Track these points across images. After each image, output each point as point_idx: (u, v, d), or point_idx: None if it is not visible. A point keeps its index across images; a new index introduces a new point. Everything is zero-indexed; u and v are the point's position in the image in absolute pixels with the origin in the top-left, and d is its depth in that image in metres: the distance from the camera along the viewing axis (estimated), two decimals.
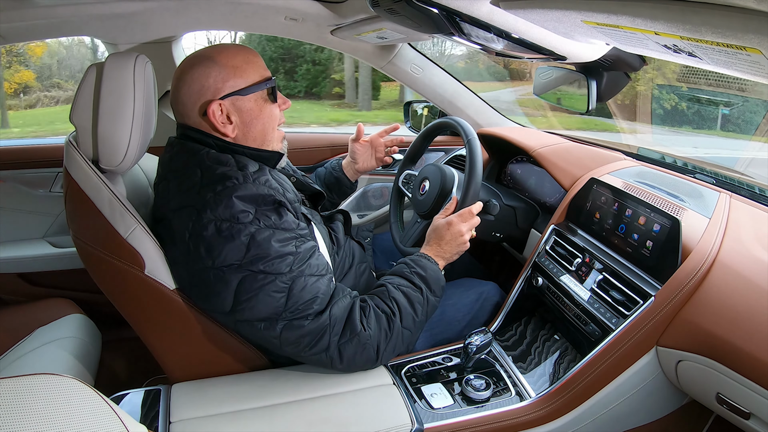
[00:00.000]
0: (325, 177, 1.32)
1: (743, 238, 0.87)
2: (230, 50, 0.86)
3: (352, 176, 1.31)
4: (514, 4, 0.72)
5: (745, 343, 0.70)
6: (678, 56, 0.64)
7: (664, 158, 1.32)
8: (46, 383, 0.43)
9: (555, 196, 1.33)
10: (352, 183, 1.33)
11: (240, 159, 0.85)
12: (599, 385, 0.85)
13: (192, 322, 0.85)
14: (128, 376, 1.39)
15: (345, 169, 1.31)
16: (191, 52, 0.90)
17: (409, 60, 1.59)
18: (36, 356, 1.05)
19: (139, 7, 1.19)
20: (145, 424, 0.74)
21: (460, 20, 0.84)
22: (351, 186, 1.33)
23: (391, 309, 0.87)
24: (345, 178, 1.30)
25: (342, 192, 1.33)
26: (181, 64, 0.87)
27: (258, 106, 0.88)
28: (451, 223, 1.00)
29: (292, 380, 0.87)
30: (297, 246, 0.81)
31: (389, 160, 1.30)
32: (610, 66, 1.06)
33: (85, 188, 0.83)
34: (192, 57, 0.87)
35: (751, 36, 0.44)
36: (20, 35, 1.25)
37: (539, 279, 1.07)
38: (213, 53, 0.85)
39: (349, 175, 1.31)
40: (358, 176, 1.33)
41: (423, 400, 0.86)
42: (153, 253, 0.83)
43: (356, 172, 1.31)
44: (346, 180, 1.31)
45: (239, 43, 4.00)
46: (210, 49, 0.86)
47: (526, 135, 1.43)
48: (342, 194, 1.34)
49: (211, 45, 0.90)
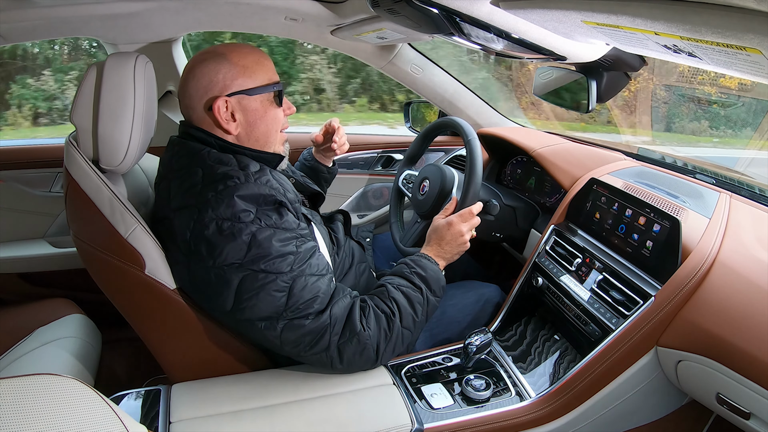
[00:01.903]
0: (301, 170, 1.31)
1: (743, 238, 0.87)
2: (242, 50, 0.87)
3: (323, 161, 1.30)
4: (514, 4, 0.72)
5: (745, 343, 0.70)
6: (678, 56, 0.64)
7: (664, 158, 1.32)
8: (46, 383, 0.42)
9: (555, 196, 1.34)
10: (329, 167, 1.32)
11: (241, 159, 0.85)
12: (599, 385, 0.85)
13: (192, 321, 0.85)
14: (128, 376, 1.39)
15: (316, 156, 1.31)
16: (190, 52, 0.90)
17: (409, 60, 1.60)
18: (36, 356, 1.05)
19: (139, 7, 1.19)
20: (145, 424, 0.74)
21: (460, 20, 0.84)
22: (328, 171, 1.32)
23: (391, 309, 0.87)
24: (319, 164, 1.30)
25: (321, 179, 1.32)
26: (193, 58, 0.88)
27: (263, 107, 0.89)
28: (452, 224, 1.00)
29: (292, 380, 0.87)
30: (298, 246, 0.81)
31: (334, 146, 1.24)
32: (610, 66, 1.06)
33: (85, 188, 0.83)
34: (204, 52, 0.87)
35: (751, 36, 0.44)
36: (20, 35, 1.25)
37: (539, 279, 1.07)
38: (225, 50, 0.86)
39: (322, 161, 1.30)
40: (331, 158, 1.32)
41: (423, 400, 0.86)
42: (153, 252, 0.82)
43: (325, 157, 1.30)
44: (321, 166, 1.30)
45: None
46: (222, 47, 0.87)
47: (526, 135, 1.43)
48: (321, 180, 1.32)
49: (223, 43, 0.91)
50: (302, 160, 1.32)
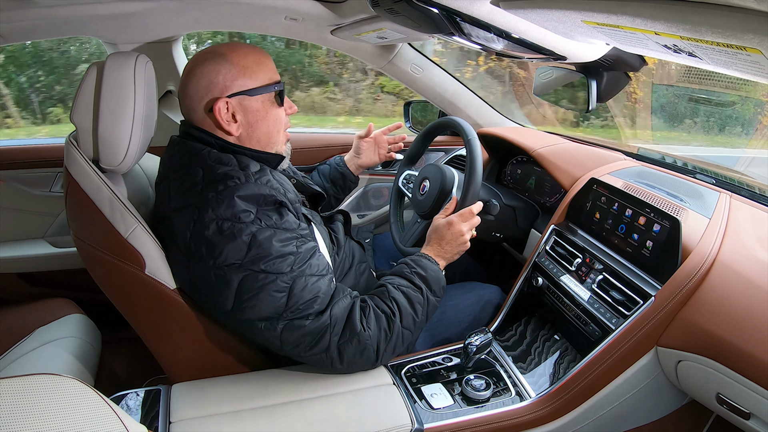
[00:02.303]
0: (330, 173, 1.38)
1: (743, 238, 0.87)
2: (242, 49, 0.87)
3: (355, 171, 1.38)
4: (514, 4, 0.72)
5: (745, 343, 0.70)
6: (678, 56, 0.64)
7: (664, 158, 1.32)
8: (46, 383, 0.42)
9: (555, 196, 1.34)
10: (356, 177, 1.39)
11: (241, 159, 0.85)
12: (599, 385, 0.85)
13: (192, 321, 0.85)
14: (128, 376, 1.39)
15: (348, 164, 1.38)
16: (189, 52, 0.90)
17: (409, 60, 1.59)
18: (36, 356, 1.05)
19: (139, 7, 1.19)
20: (145, 424, 0.74)
21: (460, 20, 0.84)
22: (354, 180, 1.39)
23: (391, 309, 0.87)
24: (349, 173, 1.37)
25: (347, 187, 1.39)
26: (193, 58, 0.88)
27: (264, 108, 0.88)
28: (452, 223, 1.00)
29: (292, 380, 0.87)
30: (298, 246, 0.81)
31: (392, 156, 1.38)
32: (610, 66, 1.06)
33: (85, 188, 0.83)
34: (204, 52, 0.87)
35: (751, 36, 0.44)
36: (20, 35, 1.25)
37: (539, 279, 1.07)
38: (225, 51, 0.85)
39: (353, 170, 1.38)
40: (360, 171, 1.40)
41: (423, 400, 0.86)
42: (153, 252, 0.82)
43: (359, 167, 1.39)
44: (351, 175, 1.37)
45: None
46: (223, 47, 0.86)
47: (526, 135, 1.43)
48: (346, 189, 1.40)
49: (224, 43, 0.90)
50: (335, 165, 1.38)
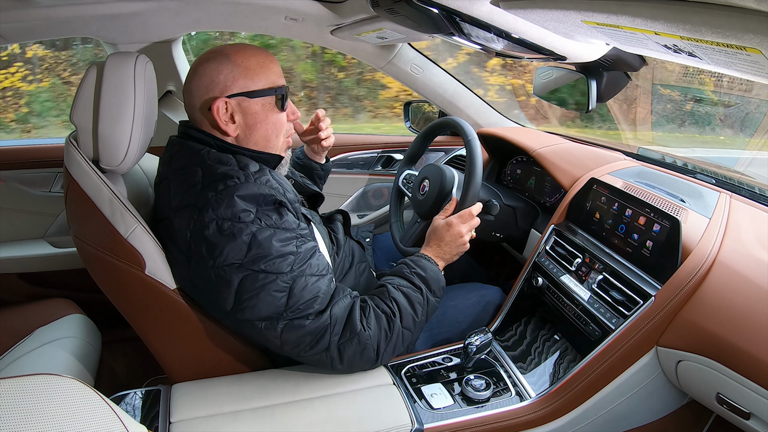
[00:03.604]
0: (294, 168, 1.28)
1: (743, 238, 0.87)
2: (247, 51, 0.86)
3: (314, 157, 1.29)
4: (514, 4, 0.72)
5: (745, 343, 0.70)
6: (678, 56, 0.64)
7: (664, 158, 1.32)
8: (46, 383, 0.43)
9: (555, 196, 1.34)
10: (322, 164, 1.31)
11: (240, 159, 0.85)
12: (599, 385, 0.85)
13: (192, 321, 0.85)
14: (128, 376, 1.39)
15: (307, 153, 1.30)
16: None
17: (409, 60, 1.59)
18: (36, 356, 1.05)
19: (139, 7, 1.19)
20: (145, 424, 0.74)
21: (460, 20, 0.84)
22: (322, 167, 1.31)
23: (391, 309, 0.87)
24: (311, 162, 1.29)
25: (317, 176, 1.31)
26: (199, 56, 0.88)
27: (264, 111, 0.88)
28: (451, 224, 1.00)
29: (292, 380, 0.87)
30: (298, 246, 0.81)
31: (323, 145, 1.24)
32: (610, 66, 1.06)
33: (85, 188, 0.83)
34: (210, 51, 0.87)
35: (751, 36, 0.44)
36: (20, 35, 1.25)
37: (539, 279, 1.07)
38: (230, 51, 0.85)
39: (313, 158, 1.29)
40: (322, 155, 1.31)
41: (423, 400, 0.86)
42: (153, 252, 0.82)
43: (315, 153, 1.29)
44: (314, 163, 1.29)
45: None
46: (229, 47, 0.87)
47: (526, 135, 1.43)
48: (318, 177, 1.31)
49: (232, 43, 0.90)
50: (295, 159, 1.31)
